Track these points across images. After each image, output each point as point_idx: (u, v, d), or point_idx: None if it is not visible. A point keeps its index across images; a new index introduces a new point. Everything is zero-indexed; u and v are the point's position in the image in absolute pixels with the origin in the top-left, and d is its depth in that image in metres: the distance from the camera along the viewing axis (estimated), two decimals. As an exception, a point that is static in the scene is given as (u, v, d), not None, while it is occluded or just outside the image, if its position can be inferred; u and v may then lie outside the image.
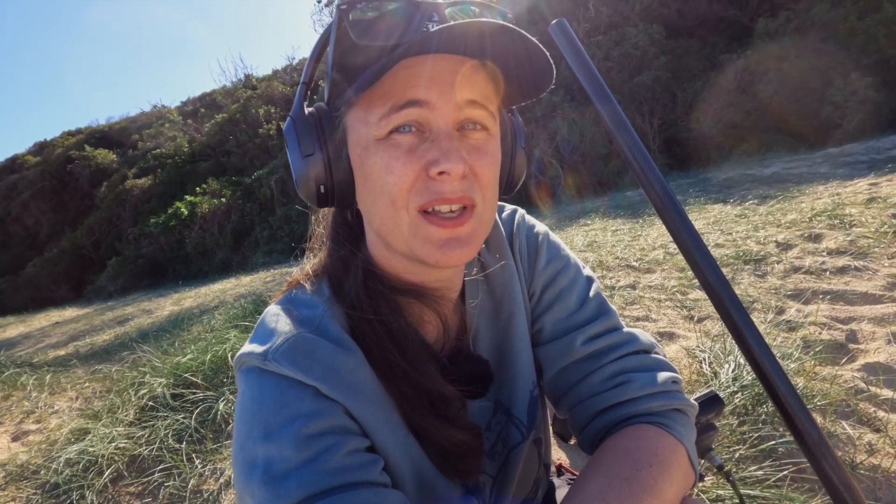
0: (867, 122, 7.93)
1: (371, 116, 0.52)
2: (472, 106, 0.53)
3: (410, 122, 0.51)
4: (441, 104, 0.51)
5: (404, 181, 0.51)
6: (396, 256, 0.59)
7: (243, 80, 23.40)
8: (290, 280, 0.66)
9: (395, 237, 0.54)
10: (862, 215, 3.32)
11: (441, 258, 0.53)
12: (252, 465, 0.49)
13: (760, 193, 5.14)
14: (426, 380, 0.57)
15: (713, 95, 9.60)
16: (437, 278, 0.62)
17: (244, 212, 14.95)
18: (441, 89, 0.51)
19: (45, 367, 4.08)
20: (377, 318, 0.57)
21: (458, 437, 0.58)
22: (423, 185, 0.51)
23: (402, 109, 0.50)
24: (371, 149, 0.53)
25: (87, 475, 1.91)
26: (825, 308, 2.17)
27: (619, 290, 3.02)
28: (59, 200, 23.71)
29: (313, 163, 0.56)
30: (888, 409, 1.44)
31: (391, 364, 0.56)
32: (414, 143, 0.52)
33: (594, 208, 7.03)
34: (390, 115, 0.51)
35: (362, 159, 0.54)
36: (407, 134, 0.52)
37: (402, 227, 0.53)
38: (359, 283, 0.58)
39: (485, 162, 0.54)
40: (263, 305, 3.92)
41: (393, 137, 0.52)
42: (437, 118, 0.51)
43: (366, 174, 0.54)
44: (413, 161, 0.51)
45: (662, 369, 0.67)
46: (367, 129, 0.53)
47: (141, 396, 2.43)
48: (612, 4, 12.03)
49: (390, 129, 0.51)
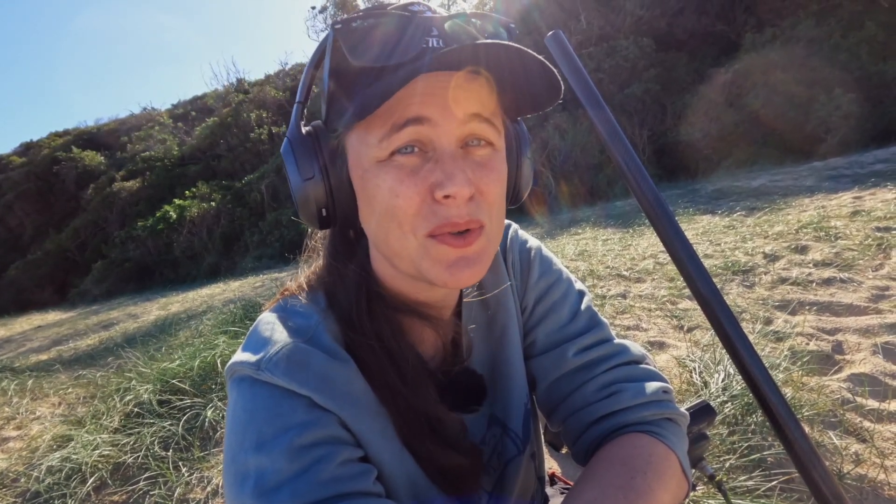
0: (851, 137, 8.11)
1: (371, 137, 0.50)
2: (475, 120, 0.50)
3: (412, 142, 0.49)
4: (443, 121, 0.49)
5: (410, 205, 0.49)
6: (402, 276, 0.58)
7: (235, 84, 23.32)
8: (283, 289, 0.65)
9: (401, 259, 0.53)
10: (847, 228, 3.39)
11: (450, 279, 0.51)
12: (244, 476, 0.49)
13: (748, 205, 5.22)
14: (426, 405, 0.57)
15: (702, 108, 9.75)
16: (440, 296, 0.62)
17: (234, 216, 14.84)
18: (442, 105, 0.49)
19: (26, 371, 3.99)
20: (379, 342, 0.56)
21: (457, 461, 0.58)
22: (430, 209, 0.49)
23: (402, 129, 0.48)
24: (373, 171, 0.51)
25: (69, 483, 1.87)
26: (812, 319, 2.21)
27: (609, 299, 3.04)
28: (45, 202, 23.33)
29: (313, 186, 0.54)
30: (874, 420, 1.47)
31: (392, 389, 0.55)
32: (417, 163, 0.50)
33: (585, 217, 7.09)
34: (391, 135, 0.49)
35: (364, 181, 0.52)
36: (409, 154, 0.50)
37: (410, 249, 0.51)
38: (362, 306, 0.57)
39: (491, 179, 0.52)
40: (253, 310, 3.88)
41: (395, 159, 0.49)
42: (440, 136, 0.49)
43: (369, 196, 0.52)
44: (417, 183, 0.49)
45: (653, 379, 0.67)
46: (367, 150, 0.51)
47: (126, 403, 2.39)
48: (603, 17, 12.21)
49: (392, 149, 0.49)
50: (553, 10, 12.35)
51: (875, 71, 8.74)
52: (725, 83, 9.83)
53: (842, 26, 9.71)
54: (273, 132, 17.32)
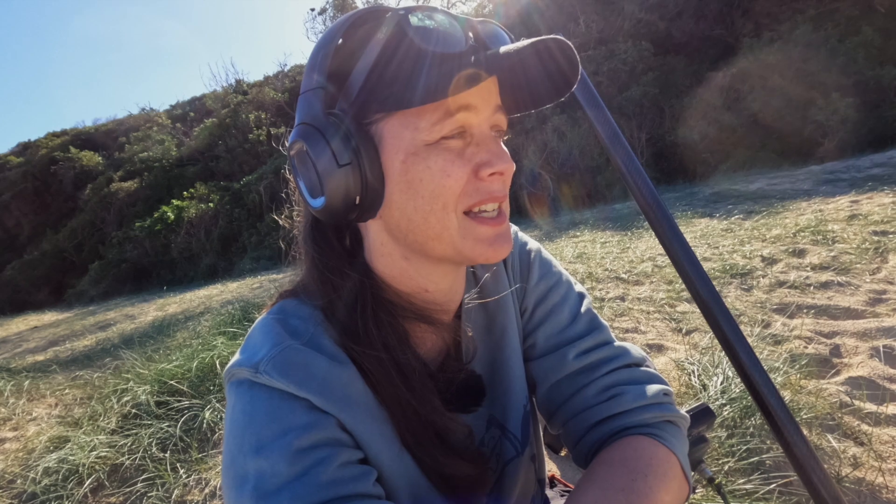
0: (848, 141, 8.16)
1: (422, 122, 0.52)
2: (500, 110, 0.56)
3: (461, 127, 0.53)
4: (483, 108, 0.54)
5: (459, 184, 0.53)
6: (416, 267, 0.58)
7: (234, 86, 23.31)
8: (280, 292, 0.65)
9: (440, 241, 0.55)
10: (844, 231, 3.40)
11: (493, 254, 0.56)
12: (243, 479, 0.48)
13: (746, 208, 5.24)
14: (434, 414, 0.57)
15: (700, 111, 9.80)
16: (444, 296, 0.62)
17: (232, 217, 14.82)
18: (483, 95, 0.54)
19: (23, 372, 3.97)
20: (385, 350, 0.56)
21: (464, 469, 0.58)
22: (473, 186, 0.53)
23: (455, 114, 0.52)
24: (422, 154, 0.52)
25: (66, 485, 1.86)
26: (809, 322, 2.21)
27: (608, 301, 3.05)
28: (42, 202, 23.28)
29: (351, 172, 0.53)
30: (871, 423, 1.47)
31: (397, 397, 0.56)
32: (461, 146, 0.54)
33: (584, 220, 7.10)
34: (444, 119, 0.51)
35: (408, 165, 0.52)
36: (455, 139, 0.53)
37: (451, 230, 0.54)
38: (366, 315, 0.57)
39: (510, 166, 0.56)
40: (251, 312, 3.88)
41: (444, 142, 0.52)
42: (481, 122, 0.54)
43: (411, 180, 0.53)
44: (464, 164, 0.53)
45: (654, 382, 0.67)
46: (416, 134, 0.52)
47: (124, 404, 2.38)
48: (602, 20, 12.27)
49: (443, 133, 0.52)
50: (552, 12, 12.41)
51: (872, 75, 8.79)
52: (723, 87, 9.89)
53: (839, 31, 9.77)
54: (272, 133, 17.32)
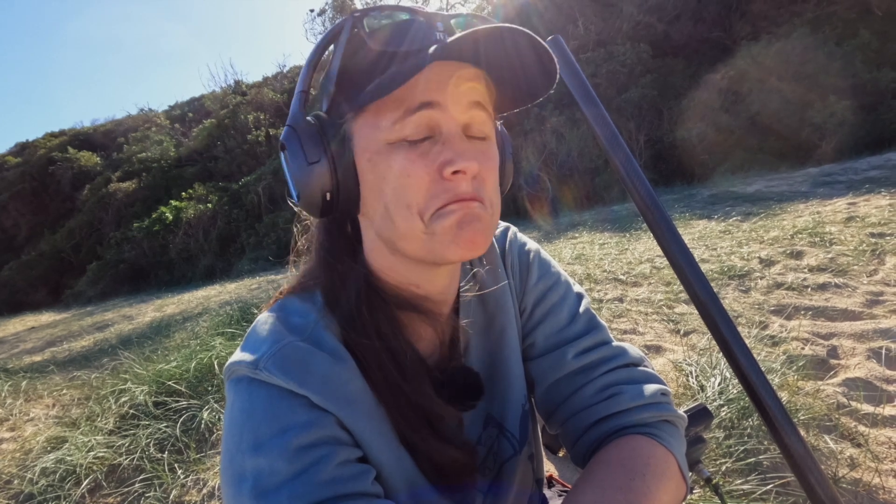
0: (845, 144, 8.18)
1: (383, 121, 0.52)
2: (476, 107, 0.54)
3: (423, 125, 0.52)
4: (450, 105, 0.52)
5: (420, 184, 0.51)
6: (404, 263, 0.58)
7: (233, 86, 23.28)
8: (280, 290, 0.65)
9: (409, 241, 0.54)
10: (841, 233, 3.41)
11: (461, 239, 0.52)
12: (242, 478, 0.48)
13: (744, 210, 5.25)
14: (424, 399, 0.57)
15: (698, 113, 9.82)
16: (439, 289, 0.62)
17: (230, 218, 14.79)
18: (450, 91, 0.52)
19: (20, 372, 3.95)
20: (378, 337, 0.56)
21: (452, 455, 0.58)
22: (439, 187, 0.51)
23: (416, 112, 0.51)
24: (384, 153, 0.52)
25: (63, 485, 1.85)
26: (807, 324, 2.22)
27: (606, 302, 3.05)
28: (40, 202, 23.20)
29: (319, 170, 0.54)
30: (868, 424, 1.48)
31: (390, 383, 0.56)
32: (426, 146, 0.52)
33: (583, 221, 7.11)
34: (405, 118, 0.51)
35: (373, 164, 0.53)
36: (418, 137, 0.52)
37: (418, 231, 0.52)
38: (360, 300, 0.58)
39: (489, 167, 0.54)
40: (250, 312, 3.87)
41: (406, 141, 0.52)
42: (448, 120, 0.52)
43: (377, 179, 0.53)
44: (427, 164, 0.51)
45: (652, 382, 0.67)
46: (378, 133, 0.52)
47: (121, 404, 2.38)
48: (601, 22, 12.30)
49: (404, 132, 0.51)
50: (551, 14, 12.45)
51: (869, 78, 8.83)
52: (721, 89, 9.91)
53: (836, 34, 9.82)
54: (270, 134, 17.31)
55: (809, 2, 10.99)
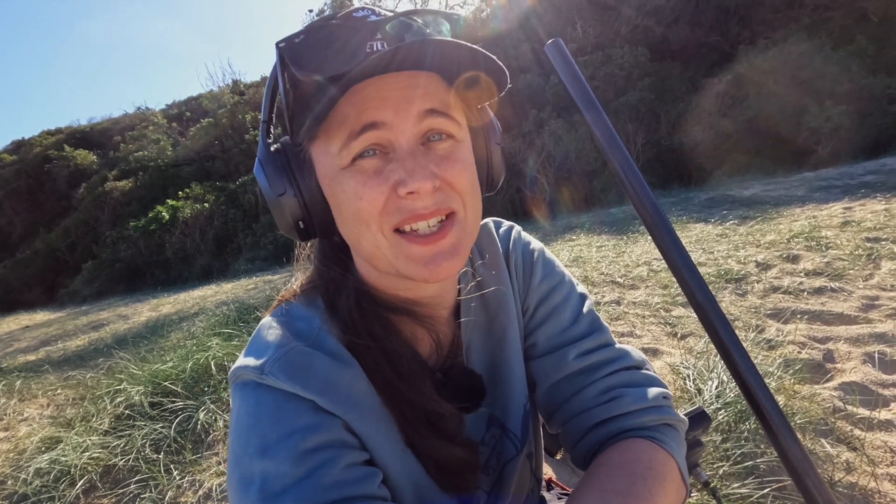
0: (841, 149, 8.23)
1: (332, 147, 0.52)
2: (431, 115, 0.51)
3: (371, 146, 0.51)
4: (398, 122, 0.50)
5: (374, 205, 0.51)
6: (385, 275, 0.59)
7: (231, 86, 23.24)
8: (281, 295, 0.66)
9: (378, 259, 0.55)
10: (837, 238, 3.43)
11: (429, 274, 0.53)
12: (249, 481, 0.49)
13: (740, 214, 5.27)
14: (422, 398, 0.57)
15: (695, 117, 9.87)
16: (430, 294, 0.63)
17: (227, 218, 14.74)
18: (395, 106, 0.50)
19: (14, 372, 3.93)
20: (372, 339, 0.57)
21: (455, 454, 0.58)
22: (395, 205, 0.51)
23: (360, 135, 0.50)
24: (338, 178, 0.53)
25: (58, 486, 1.84)
26: (803, 327, 2.23)
27: (604, 305, 3.06)
28: (35, 201, 23.09)
29: (287, 200, 0.56)
30: (864, 428, 1.48)
31: (388, 383, 0.56)
32: (379, 165, 0.51)
33: (580, 223, 7.11)
34: (349, 142, 0.50)
35: (331, 189, 0.54)
36: (371, 158, 0.51)
37: (383, 248, 0.53)
38: (351, 305, 0.59)
39: (456, 170, 0.53)
40: (247, 313, 3.86)
41: (357, 164, 0.51)
42: (398, 136, 0.51)
43: (337, 203, 0.54)
44: (381, 183, 0.51)
45: (654, 385, 0.68)
46: (330, 159, 0.53)
47: (117, 404, 2.37)
48: (599, 25, 12.34)
49: (353, 156, 0.51)
50: (550, 17, 12.47)
51: (865, 84, 8.89)
52: (719, 93, 9.96)
53: (833, 39, 9.88)
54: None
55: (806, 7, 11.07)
